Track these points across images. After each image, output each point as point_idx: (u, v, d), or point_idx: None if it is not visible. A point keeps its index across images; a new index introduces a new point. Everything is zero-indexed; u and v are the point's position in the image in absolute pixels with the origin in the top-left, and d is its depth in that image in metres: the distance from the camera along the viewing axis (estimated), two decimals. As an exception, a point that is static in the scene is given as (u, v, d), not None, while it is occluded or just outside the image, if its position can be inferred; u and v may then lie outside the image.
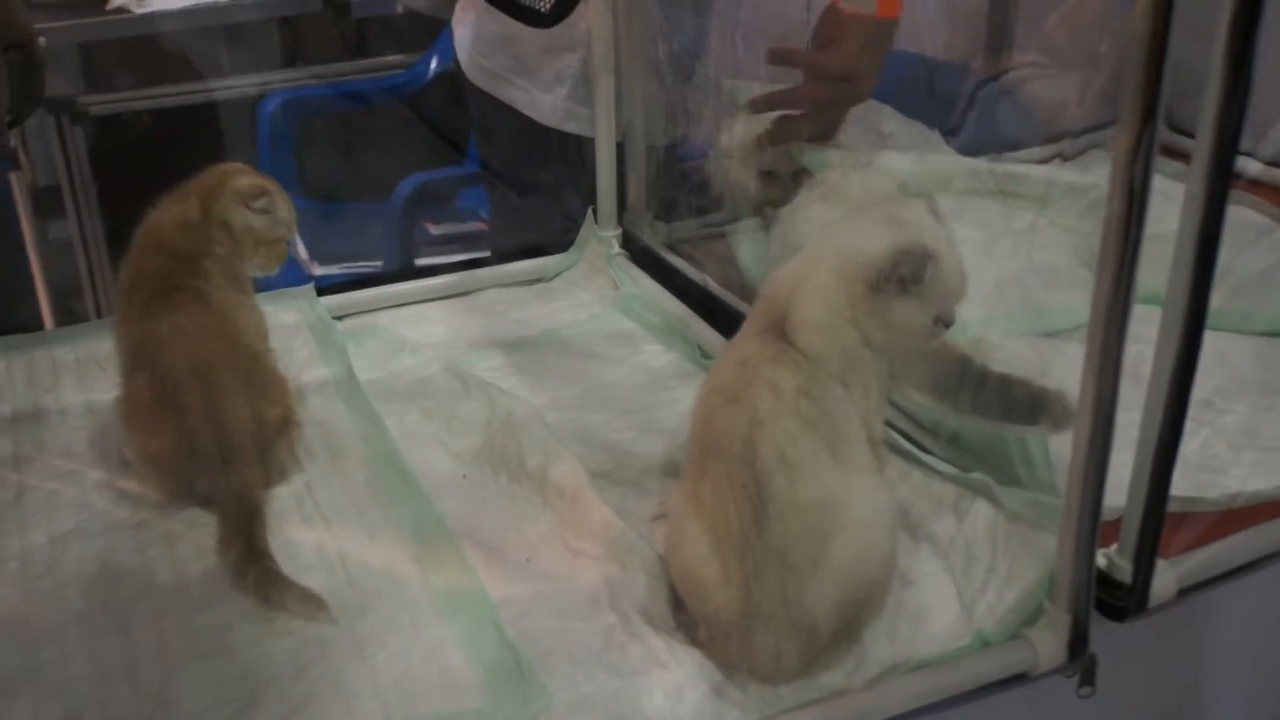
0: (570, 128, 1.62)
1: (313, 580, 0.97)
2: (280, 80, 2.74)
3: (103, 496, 1.08)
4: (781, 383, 0.88)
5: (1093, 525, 0.85)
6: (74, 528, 1.04)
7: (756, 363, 0.90)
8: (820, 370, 0.91)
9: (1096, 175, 1.33)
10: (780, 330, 0.91)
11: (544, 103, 1.63)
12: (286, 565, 0.98)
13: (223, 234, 1.15)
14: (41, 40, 2.45)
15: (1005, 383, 1.06)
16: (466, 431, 1.16)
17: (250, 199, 1.16)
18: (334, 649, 0.90)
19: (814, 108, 1.38)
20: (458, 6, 1.76)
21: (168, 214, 1.15)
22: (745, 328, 0.95)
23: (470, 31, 1.69)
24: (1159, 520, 0.87)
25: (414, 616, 0.93)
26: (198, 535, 1.03)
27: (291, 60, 2.90)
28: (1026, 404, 1.04)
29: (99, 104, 2.45)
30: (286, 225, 1.20)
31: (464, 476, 1.11)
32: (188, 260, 1.12)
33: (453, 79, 1.92)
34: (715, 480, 0.88)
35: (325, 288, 1.43)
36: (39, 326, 2.24)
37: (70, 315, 2.45)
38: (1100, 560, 0.89)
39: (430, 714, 0.84)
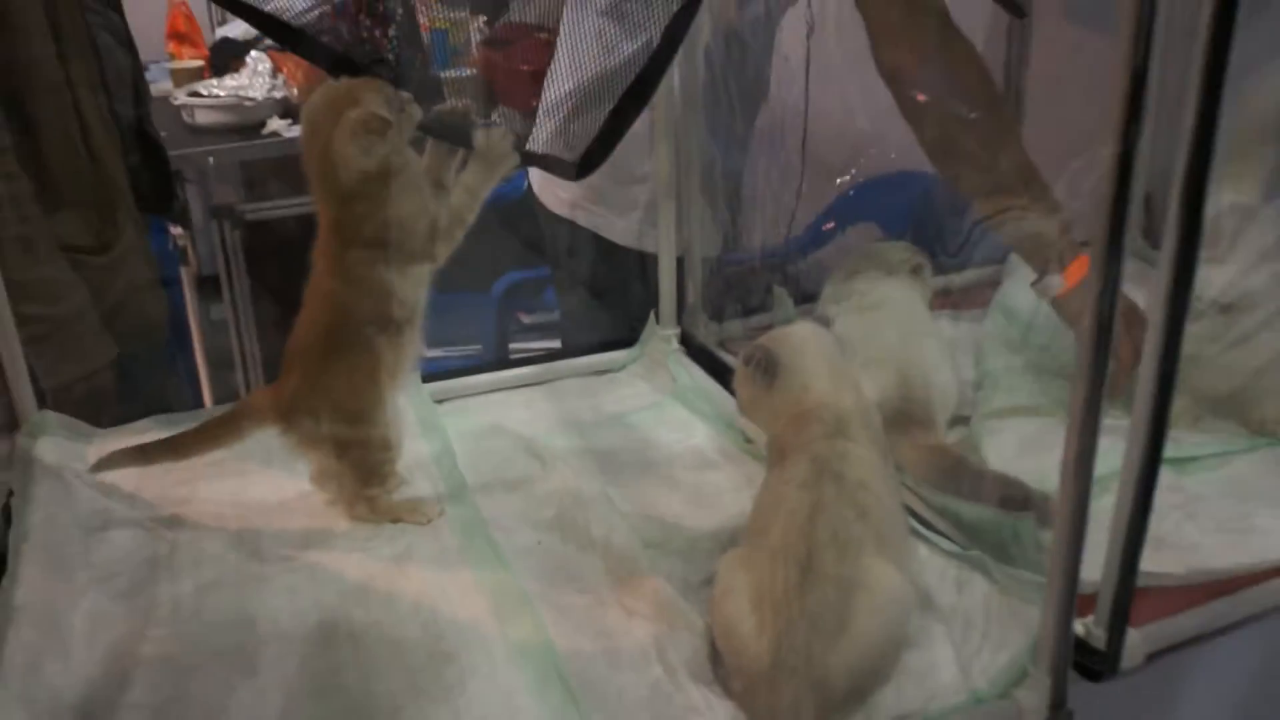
0: (644, 246, 1.69)
1: (408, 630, 1.03)
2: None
3: (240, 553, 1.15)
4: (846, 475, 0.96)
5: (1070, 599, 0.88)
6: (215, 579, 1.11)
7: (826, 457, 0.98)
8: (878, 461, 0.99)
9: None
10: (843, 431, 1.00)
11: (619, 226, 1.71)
12: (388, 615, 1.04)
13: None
14: (211, 160, 2.62)
15: (1003, 481, 1.10)
16: (543, 504, 1.22)
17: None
18: (425, 691, 0.96)
19: None
20: None
21: None
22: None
23: None
24: (1129, 594, 0.90)
25: (491, 665, 0.98)
26: (315, 588, 1.09)
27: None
28: (1019, 499, 1.07)
29: (253, 210, 2.60)
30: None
31: (539, 543, 1.16)
32: None
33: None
34: (774, 545, 0.94)
35: (428, 374, 1.49)
36: (200, 403, 2.35)
37: (226, 390, 2.58)
38: (1079, 629, 0.93)
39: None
